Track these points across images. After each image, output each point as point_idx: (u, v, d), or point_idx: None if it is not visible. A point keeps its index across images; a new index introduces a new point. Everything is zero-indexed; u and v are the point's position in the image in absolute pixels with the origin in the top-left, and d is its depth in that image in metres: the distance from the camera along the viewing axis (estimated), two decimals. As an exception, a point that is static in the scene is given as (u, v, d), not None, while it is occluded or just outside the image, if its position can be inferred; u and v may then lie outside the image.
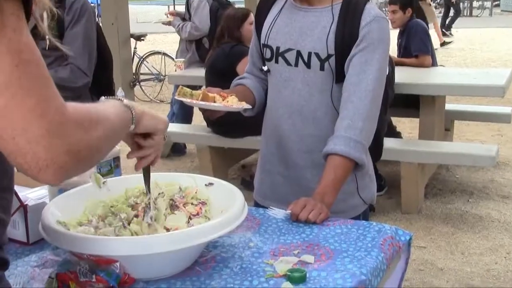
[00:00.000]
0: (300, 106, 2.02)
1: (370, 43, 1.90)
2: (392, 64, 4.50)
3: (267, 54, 2.07)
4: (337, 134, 1.88)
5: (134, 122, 1.18)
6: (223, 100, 1.95)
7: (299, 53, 1.98)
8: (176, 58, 6.38)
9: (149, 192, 1.50)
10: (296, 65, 1.99)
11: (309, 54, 1.96)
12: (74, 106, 0.89)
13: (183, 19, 6.04)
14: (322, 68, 1.95)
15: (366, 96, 1.89)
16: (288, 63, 2.01)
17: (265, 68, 2.11)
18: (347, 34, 1.92)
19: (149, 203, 1.49)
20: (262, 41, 2.10)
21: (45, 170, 0.83)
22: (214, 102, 1.92)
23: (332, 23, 1.94)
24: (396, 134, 5.56)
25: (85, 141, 0.89)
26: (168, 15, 6.52)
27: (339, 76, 1.95)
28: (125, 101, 1.16)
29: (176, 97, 1.88)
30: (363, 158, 1.88)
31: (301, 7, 2.01)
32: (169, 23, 6.36)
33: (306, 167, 2.06)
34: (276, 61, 2.05)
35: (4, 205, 1.01)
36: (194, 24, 5.74)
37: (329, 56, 1.94)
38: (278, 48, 2.03)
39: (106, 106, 1.07)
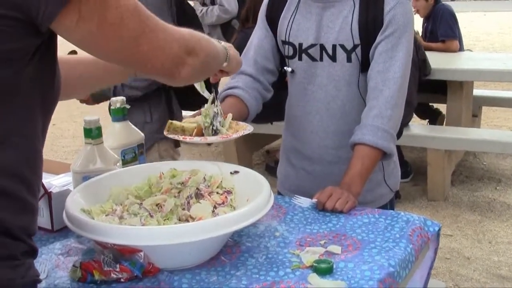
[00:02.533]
0: (327, 102, 1.97)
1: (396, 29, 1.85)
2: (417, 44, 4.43)
3: (289, 51, 2.01)
4: (365, 123, 1.84)
5: (227, 60, 1.47)
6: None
7: (322, 47, 1.93)
8: None
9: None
10: (321, 59, 1.94)
11: (334, 46, 1.91)
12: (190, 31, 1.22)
13: (203, 4, 5.97)
14: (349, 59, 1.90)
15: (395, 84, 1.85)
16: (313, 59, 1.95)
17: (288, 69, 2.04)
18: (371, 21, 1.86)
19: (217, 111, 1.65)
20: (282, 38, 2.03)
21: (183, 68, 1.16)
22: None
23: (353, 11, 1.88)
24: (437, 114, 5.48)
25: (202, 54, 1.22)
26: None
27: (365, 66, 1.90)
28: (223, 43, 1.47)
29: (165, 134, 1.65)
30: (391, 147, 1.85)
31: (319, 0, 1.94)
32: None
33: (333, 163, 2.01)
34: (300, 58, 1.98)
35: (36, 192, 1.03)
36: (222, 7, 5.67)
37: (355, 46, 1.88)
38: (300, 44, 1.97)
39: (213, 41, 1.38)
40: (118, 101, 1.79)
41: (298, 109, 2.06)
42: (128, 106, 1.81)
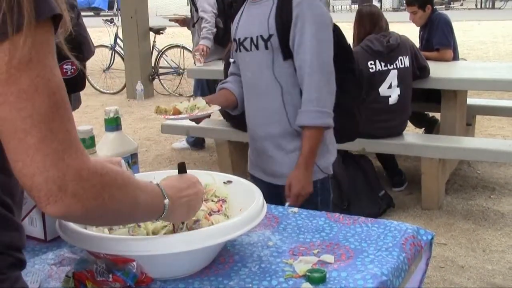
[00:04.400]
0: (254, 84, 2.34)
1: (304, 21, 2.17)
2: (414, 53, 4.45)
3: (235, 47, 2.41)
4: (301, 109, 2.21)
5: (163, 216, 1.19)
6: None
7: (251, 39, 2.30)
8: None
9: None
10: (251, 49, 2.30)
11: (257, 37, 2.28)
12: (102, 162, 0.99)
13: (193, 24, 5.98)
14: (266, 47, 2.24)
15: (312, 69, 2.16)
16: (246, 50, 2.32)
17: (231, 60, 2.49)
18: (284, 16, 2.20)
19: None
20: (232, 38, 2.43)
21: (53, 204, 0.90)
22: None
23: (272, 7, 2.25)
24: (433, 122, 5.50)
25: (98, 193, 0.94)
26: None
27: (286, 54, 2.22)
28: (166, 191, 1.18)
29: (154, 113, 2.16)
30: (327, 121, 2.20)
31: (254, 2, 2.33)
32: (177, 20, 6.38)
33: (265, 138, 2.36)
34: (240, 50, 2.37)
35: (18, 209, 1.03)
36: (200, 9, 5.66)
37: (270, 36, 2.23)
38: (239, 39, 2.36)
39: (144, 185, 1.11)
40: (112, 111, 1.79)
41: (243, 94, 2.44)
42: (121, 116, 1.82)
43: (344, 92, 2.37)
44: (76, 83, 3.23)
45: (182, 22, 6.45)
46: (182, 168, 1.38)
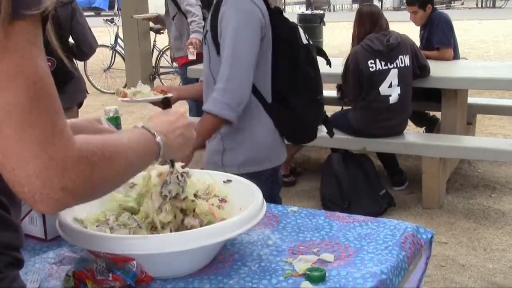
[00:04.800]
0: (204, 78, 2.49)
1: (225, 19, 2.29)
2: (414, 52, 4.45)
3: None
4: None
5: (160, 157, 1.13)
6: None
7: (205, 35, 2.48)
8: (172, 55, 6.12)
9: (172, 166, 1.42)
10: (204, 44, 2.47)
11: (205, 33, 2.46)
12: (85, 140, 0.90)
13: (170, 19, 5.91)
14: (205, 42, 2.42)
15: (226, 62, 2.25)
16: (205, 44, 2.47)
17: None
18: (215, 13, 2.34)
19: (171, 176, 1.43)
20: None
21: (40, 202, 0.85)
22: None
23: (213, 7, 2.41)
24: (433, 121, 5.50)
25: (88, 178, 0.88)
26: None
27: (218, 49, 2.32)
28: (156, 128, 1.12)
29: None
30: (224, 113, 2.24)
31: None
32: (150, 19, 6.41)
33: None
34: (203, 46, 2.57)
35: (16, 213, 1.02)
36: (185, 3, 5.59)
37: (206, 32, 2.39)
38: (203, 38, 2.55)
39: (130, 139, 1.05)
40: (112, 110, 1.80)
41: None
42: (121, 115, 1.82)
43: (293, 93, 2.42)
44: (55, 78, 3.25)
45: (155, 20, 6.49)
46: (167, 103, 1.36)
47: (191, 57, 5.49)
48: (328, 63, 2.84)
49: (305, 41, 2.48)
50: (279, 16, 2.46)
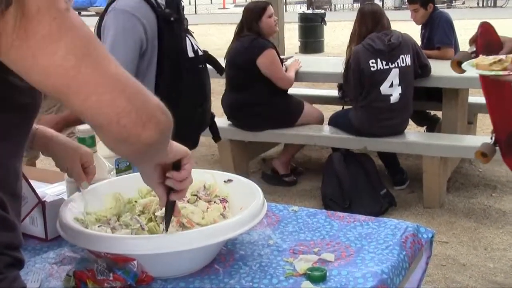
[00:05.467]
0: None
1: (106, 30, 2.43)
2: (416, 51, 4.45)
3: None
4: None
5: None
6: None
7: None
8: None
9: (167, 230, 1.36)
10: None
11: None
12: None
13: None
14: None
15: None
16: None
17: None
18: (101, 24, 2.46)
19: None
20: None
21: (148, 124, 0.87)
22: None
23: None
24: (434, 121, 5.50)
25: (165, 110, 0.93)
26: None
27: None
28: None
29: None
30: None
31: None
32: None
33: None
34: None
35: (14, 210, 1.01)
36: None
37: None
38: None
39: None
40: (83, 131, 1.74)
41: None
42: None
43: (174, 101, 2.53)
44: None
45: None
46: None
47: None
48: (219, 71, 3.05)
49: (191, 54, 2.59)
50: (168, 26, 2.54)
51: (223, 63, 4.84)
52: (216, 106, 6.89)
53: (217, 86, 8.47)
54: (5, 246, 0.97)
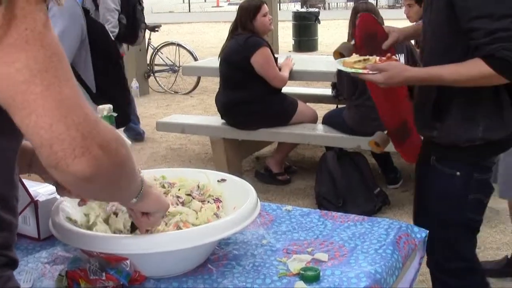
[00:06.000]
0: None
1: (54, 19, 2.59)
2: (410, 51, 4.46)
3: None
4: None
5: (138, 196, 1.12)
6: None
7: None
8: None
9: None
10: None
11: None
12: None
13: None
14: None
15: None
16: None
17: None
18: None
19: None
20: None
21: (80, 158, 0.83)
22: None
23: None
24: None
25: (116, 150, 0.89)
26: None
27: None
28: (142, 174, 1.12)
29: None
30: None
31: None
32: None
33: None
34: None
35: (13, 207, 1.01)
36: (103, 5, 5.53)
37: None
38: None
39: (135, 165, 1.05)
40: (105, 109, 1.78)
41: None
42: (115, 114, 1.81)
43: (112, 85, 2.88)
44: None
45: None
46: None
47: None
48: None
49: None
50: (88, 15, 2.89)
51: (217, 61, 4.85)
52: (210, 104, 6.90)
53: (211, 84, 8.48)
54: None
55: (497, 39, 1.95)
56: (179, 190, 1.56)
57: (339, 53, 2.40)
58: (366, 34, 2.52)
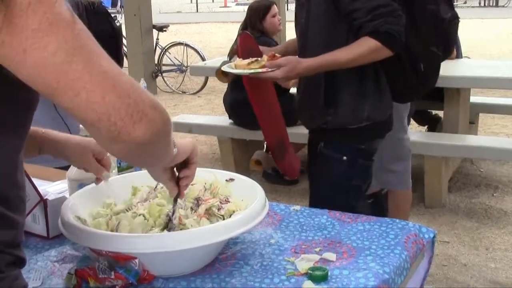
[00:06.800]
0: None
1: None
2: None
3: None
4: None
5: (175, 146, 1.17)
6: None
7: None
8: None
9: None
10: None
11: None
12: None
13: None
14: None
15: None
16: None
17: None
18: None
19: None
20: None
21: (139, 123, 0.84)
22: None
23: None
24: (436, 120, 5.50)
25: (160, 105, 0.91)
26: None
27: None
28: None
29: None
30: None
31: None
32: None
33: None
34: None
35: (17, 206, 1.00)
36: None
37: None
38: None
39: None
40: None
41: None
42: None
43: None
44: None
45: None
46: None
47: None
48: None
49: None
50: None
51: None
52: (218, 104, 6.89)
53: (219, 84, 8.49)
54: (6, 245, 0.96)
55: (379, 15, 2.15)
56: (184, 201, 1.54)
57: (222, 72, 2.65)
58: (248, 51, 2.71)
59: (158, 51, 9.56)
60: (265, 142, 2.98)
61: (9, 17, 0.78)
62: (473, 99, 5.40)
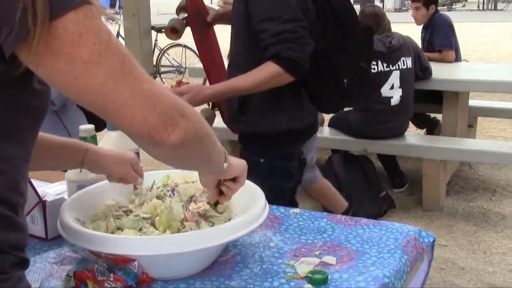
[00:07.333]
0: None
1: None
2: (417, 54, 4.45)
3: None
4: None
5: (227, 161, 1.29)
6: None
7: None
8: None
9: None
10: None
11: None
12: None
13: None
14: None
15: None
16: None
17: None
18: None
19: None
20: None
21: (173, 133, 0.95)
22: None
23: None
24: (434, 123, 5.51)
25: (189, 110, 1.00)
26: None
27: None
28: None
29: None
30: None
31: None
32: None
33: None
34: None
35: (20, 211, 1.02)
36: None
37: None
38: None
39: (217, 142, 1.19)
40: (87, 130, 1.71)
41: None
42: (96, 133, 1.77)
43: None
44: None
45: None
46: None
47: None
48: None
49: None
50: None
51: (226, 62, 4.84)
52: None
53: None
54: (11, 246, 0.98)
55: (283, 40, 2.21)
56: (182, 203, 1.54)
57: (172, 28, 2.77)
58: (197, 9, 2.84)
59: (156, 52, 9.55)
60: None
61: (62, 48, 0.85)
62: (472, 102, 5.41)
